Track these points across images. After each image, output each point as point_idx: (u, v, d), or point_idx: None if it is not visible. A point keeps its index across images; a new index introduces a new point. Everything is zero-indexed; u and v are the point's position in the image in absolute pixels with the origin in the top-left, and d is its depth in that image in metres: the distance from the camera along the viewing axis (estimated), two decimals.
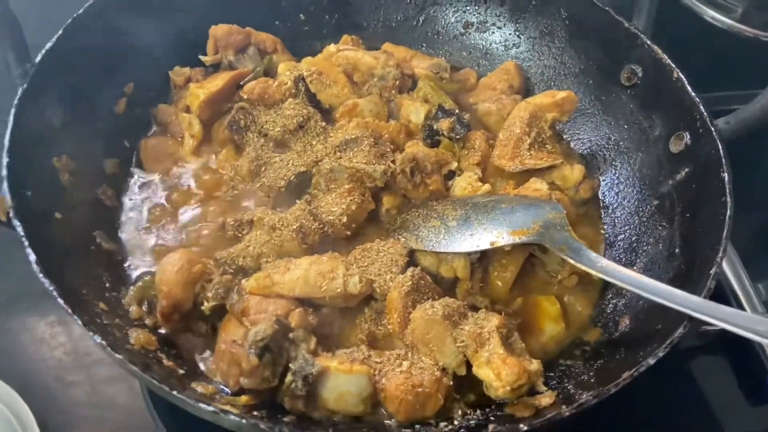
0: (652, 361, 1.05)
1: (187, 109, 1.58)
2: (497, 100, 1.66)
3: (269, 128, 1.51)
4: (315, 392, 1.15)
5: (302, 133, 1.51)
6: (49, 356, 1.46)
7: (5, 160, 1.18)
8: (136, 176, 1.51)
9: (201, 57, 1.67)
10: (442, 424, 1.16)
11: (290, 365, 1.14)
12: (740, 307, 1.49)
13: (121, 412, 1.40)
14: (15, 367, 1.43)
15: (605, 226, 1.54)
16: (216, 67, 1.70)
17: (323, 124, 1.53)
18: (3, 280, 1.52)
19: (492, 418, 1.16)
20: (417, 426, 1.16)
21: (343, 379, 1.15)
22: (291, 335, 1.17)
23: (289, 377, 1.14)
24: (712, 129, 1.37)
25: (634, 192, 1.53)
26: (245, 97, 1.56)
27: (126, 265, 1.37)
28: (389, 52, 1.72)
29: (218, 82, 1.59)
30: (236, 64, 1.68)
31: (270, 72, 1.67)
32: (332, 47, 1.71)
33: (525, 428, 1.01)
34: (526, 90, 1.75)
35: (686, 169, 1.42)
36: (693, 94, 1.43)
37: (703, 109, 1.40)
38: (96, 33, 1.47)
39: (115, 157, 1.50)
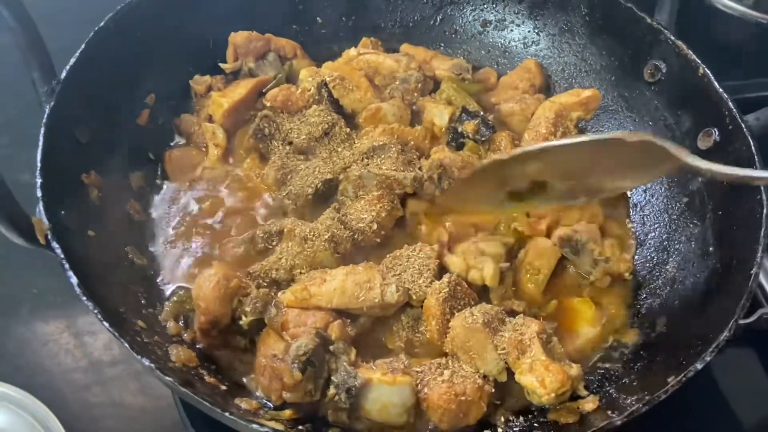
0: (699, 365, 1.06)
1: (210, 119, 1.58)
2: (520, 100, 1.65)
3: (294, 136, 1.51)
4: (358, 404, 1.15)
5: (327, 140, 1.51)
6: (71, 365, 1.47)
7: (39, 180, 1.17)
8: (163, 189, 1.50)
9: (221, 65, 1.66)
10: (485, 431, 1.16)
11: (332, 378, 1.15)
12: None
13: (150, 419, 1.41)
14: (38, 377, 1.44)
15: (634, 225, 1.54)
16: (236, 75, 1.69)
17: (348, 130, 1.53)
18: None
19: (536, 425, 1.17)
20: None
21: (386, 390, 1.15)
22: (331, 348, 1.17)
23: (332, 390, 1.14)
24: (743, 125, 1.36)
25: (663, 189, 1.52)
26: (268, 104, 1.55)
27: (159, 280, 1.37)
28: (410, 54, 1.71)
29: (240, 90, 1.59)
30: (256, 71, 1.67)
31: (291, 78, 1.66)
32: (352, 51, 1.70)
33: None
34: (547, 88, 1.74)
35: None
36: (720, 89, 1.42)
37: (731, 105, 1.39)
38: (117, 45, 1.45)
39: (141, 170, 1.49)
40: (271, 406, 1.18)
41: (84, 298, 1.05)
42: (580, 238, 1.39)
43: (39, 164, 1.19)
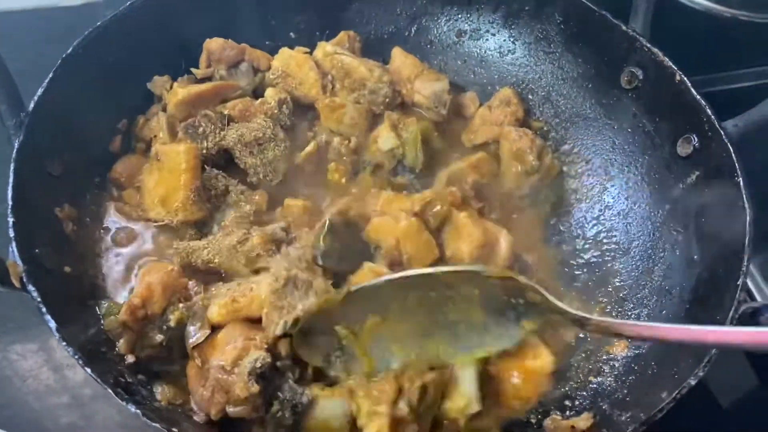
0: (693, 381, 1.05)
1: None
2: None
3: (228, 136, 1.44)
4: (301, 420, 1.15)
5: (257, 151, 1.45)
6: (54, 401, 1.42)
7: (11, 220, 1.13)
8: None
9: (193, 70, 1.63)
10: None
11: (278, 394, 1.15)
12: None
13: None
14: (21, 415, 1.40)
15: (616, 233, 1.54)
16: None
17: (281, 149, 1.49)
18: None
19: None
20: None
21: (328, 404, 1.15)
22: (278, 364, 1.16)
23: (275, 407, 1.14)
24: (721, 132, 1.36)
25: (645, 196, 1.53)
26: (226, 112, 1.49)
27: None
28: (384, 68, 1.68)
29: (203, 86, 1.54)
30: (228, 79, 1.63)
31: (260, 90, 1.63)
32: (328, 47, 1.65)
33: None
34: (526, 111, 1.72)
35: (696, 173, 1.42)
36: (698, 96, 1.42)
37: (709, 112, 1.39)
38: (86, 71, 1.41)
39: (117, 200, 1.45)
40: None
41: (64, 343, 1.01)
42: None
43: (10, 202, 1.15)
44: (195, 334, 1.18)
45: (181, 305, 1.22)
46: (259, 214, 1.42)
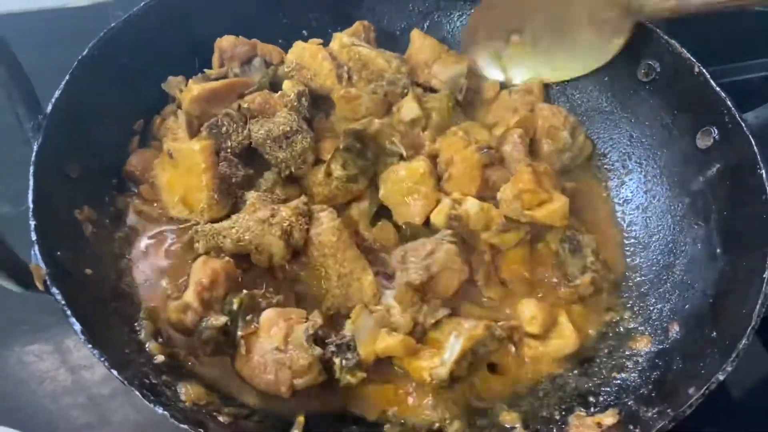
0: (722, 376, 1.04)
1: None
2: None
3: (254, 131, 1.44)
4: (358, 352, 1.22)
5: (285, 144, 1.43)
6: (70, 402, 1.41)
7: (33, 222, 1.13)
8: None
9: (206, 70, 1.62)
10: None
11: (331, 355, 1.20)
12: None
13: None
14: (37, 417, 1.39)
15: (635, 227, 1.53)
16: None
17: (309, 141, 1.46)
18: None
19: None
20: None
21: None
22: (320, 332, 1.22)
23: (336, 361, 1.20)
24: (742, 124, 1.35)
25: (664, 190, 1.52)
26: (245, 105, 1.48)
27: None
28: (402, 58, 1.66)
29: (217, 83, 1.54)
30: (242, 76, 1.62)
31: (275, 85, 1.61)
32: (344, 38, 1.63)
33: None
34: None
35: (717, 166, 1.41)
36: (717, 88, 1.41)
37: (730, 104, 1.38)
38: (102, 73, 1.41)
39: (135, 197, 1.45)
40: None
41: (90, 345, 1.01)
42: (582, 239, 1.39)
43: (32, 205, 1.15)
44: (244, 324, 1.22)
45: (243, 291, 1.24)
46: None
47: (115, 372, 0.99)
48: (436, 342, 1.23)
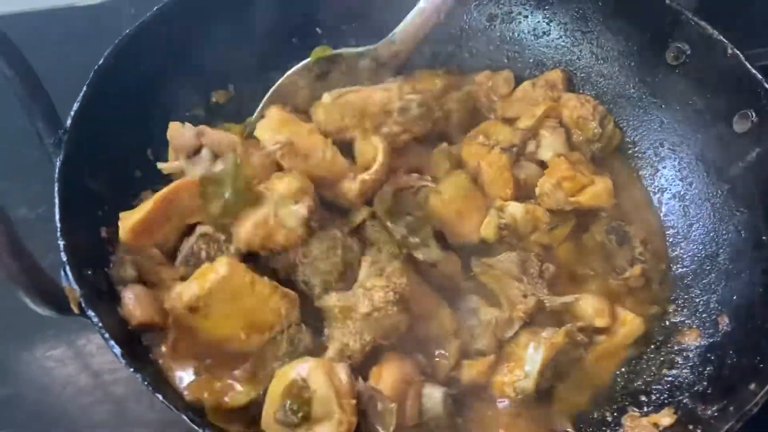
0: None
1: None
2: None
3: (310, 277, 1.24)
4: None
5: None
6: (96, 408, 1.40)
7: (62, 243, 1.09)
8: None
9: (159, 165, 1.36)
10: None
11: None
12: None
13: None
14: (61, 424, 1.37)
15: (673, 216, 1.49)
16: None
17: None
18: None
19: None
20: None
21: None
22: None
23: None
24: None
25: (701, 177, 1.47)
26: (242, 248, 1.23)
27: None
28: (400, 79, 1.53)
29: (146, 205, 1.25)
30: (188, 171, 1.33)
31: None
32: (326, 98, 1.39)
33: None
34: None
35: (757, 149, 1.36)
36: (753, 70, 1.37)
37: (767, 86, 1.34)
38: (120, 81, 1.36)
39: None
40: None
41: (131, 369, 0.97)
42: (629, 229, 1.35)
43: (59, 224, 1.11)
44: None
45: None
46: None
47: (160, 396, 0.96)
48: (513, 355, 1.20)
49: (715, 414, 1.04)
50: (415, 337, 1.25)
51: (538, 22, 1.73)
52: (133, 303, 1.16)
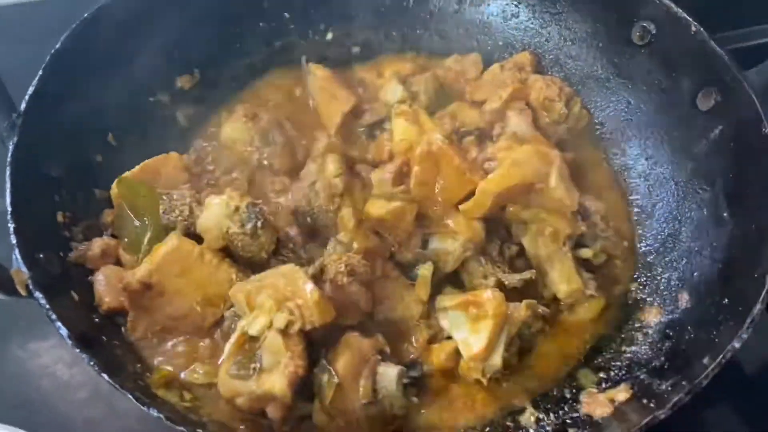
0: (737, 344, 1.01)
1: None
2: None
3: None
4: None
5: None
6: (75, 396, 1.38)
7: (12, 225, 1.08)
8: None
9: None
10: None
11: None
12: None
13: None
14: (41, 414, 1.35)
15: (638, 195, 1.48)
16: None
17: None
18: None
19: (569, 421, 1.11)
20: None
21: None
22: None
23: None
24: (744, 82, 1.30)
25: (666, 156, 1.47)
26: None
27: None
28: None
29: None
30: None
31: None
32: (431, 141, 1.33)
33: None
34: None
35: (720, 127, 1.36)
36: (716, 47, 1.36)
37: (729, 63, 1.33)
38: (76, 66, 1.35)
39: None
40: None
41: (78, 350, 0.97)
42: (590, 205, 1.35)
43: (9, 208, 1.10)
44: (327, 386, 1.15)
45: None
46: None
47: (105, 376, 0.95)
48: None
49: (669, 388, 1.04)
50: (381, 320, 1.25)
51: (507, 4, 1.72)
52: (104, 287, 1.19)
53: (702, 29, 1.38)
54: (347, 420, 1.12)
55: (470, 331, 1.18)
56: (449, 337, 1.23)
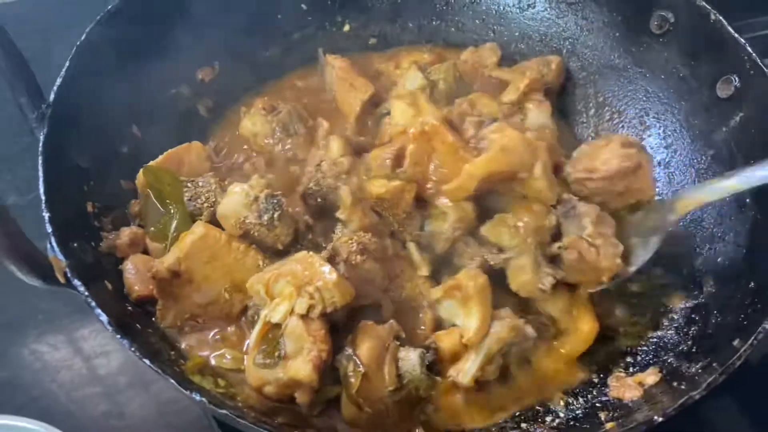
0: None
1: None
2: None
3: None
4: None
5: None
6: (88, 391, 1.40)
7: (46, 215, 1.09)
8: None
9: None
10: (548, 418, 1.13)
11: None
12: None
13: None
14: (56, 407, 1.37)
15: (659, 183, 1.49)
16: None
17: None
18: None
19: (598, 405, 1.13)
20: (523, 425, 1.12)
21: None
22: None
23: None
24: (765, 69, 1.31)
25: (685, 144, 1.48)
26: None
27: None
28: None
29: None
30: None
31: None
32: (425, 121, 1.33)
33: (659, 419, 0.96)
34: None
35: (740, 114, 1.37)
36: (736, 35, 1.37)
37: (750, 50, 1.34)
38: (102, 57, 1.36)
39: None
40: None
41: (119, 336, 0.98)
42: (577, 207, 1.34)
43: (43, 197, 1.11)
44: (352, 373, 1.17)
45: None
46: None
47: (147, 361, 0.96)
48: None
49: (699, 371, 1.05)
50: (391, 302, 1.26)
51: None
52: (134, 276, 1.20)
53: (721, 18, 1.39)
54: (376, 408, 1.12)
55: (464, 315, 1.19)
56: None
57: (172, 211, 1.31)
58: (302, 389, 1.10)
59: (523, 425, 1.12)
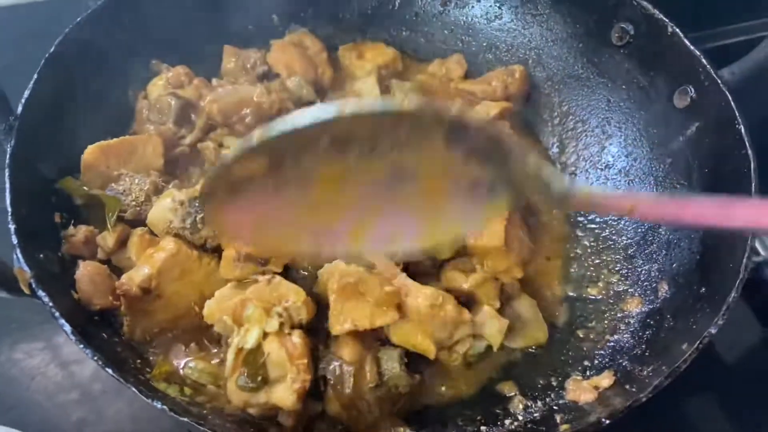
0: (714, 330, 1.06)
1: None
2: None
3: None
4: None
5: None
6: (64, 398, 1.40)
7: (12, 226, 1.10)
8: None
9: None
10: (507, 421, 1.16)
11: None
12: None
13: None
14: (32, 414, 1.37)
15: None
16: None
17: None
18: None
19: (555, 407, 1.16)
20: (483, 428, 1.15)
21: None
22: None
23: None
24: (718, 81, 1.35)
25: (645, 152, 1.52)
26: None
27: None
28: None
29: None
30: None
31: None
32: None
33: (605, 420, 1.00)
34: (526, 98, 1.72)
35: (696, 124, 1.41)
36: (692, 47, 1.41)
37: (705, 62, 1.38)
38: (71, 69, 1.38)
39: None
40: None
41: (81, 346, 1.00)
42: None
43: (9, 209, 1.12)
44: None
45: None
46: None
47: (110, 370, 0.98)
48: None
49: (650, 373, 1.09)
50: None
51: (491, 6, 1.77)
52: (90, 288, 1.20)
53: (678, 30, 1.44)
54: (358, 405, 1.15)
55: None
56: None
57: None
58: (286, 414, 1.13)
59: (483, 428, 1.15)
